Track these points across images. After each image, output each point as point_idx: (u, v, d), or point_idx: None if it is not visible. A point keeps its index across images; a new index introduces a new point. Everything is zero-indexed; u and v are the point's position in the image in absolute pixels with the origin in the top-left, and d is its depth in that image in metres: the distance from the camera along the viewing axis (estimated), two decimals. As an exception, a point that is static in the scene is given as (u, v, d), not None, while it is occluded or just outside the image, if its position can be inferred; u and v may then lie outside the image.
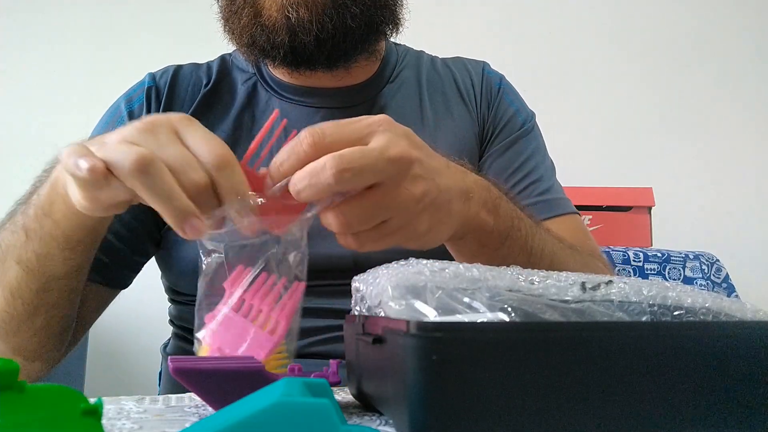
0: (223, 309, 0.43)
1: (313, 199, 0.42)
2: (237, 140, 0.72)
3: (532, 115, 0.82)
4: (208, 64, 0.80)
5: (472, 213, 0.51)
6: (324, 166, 0.40)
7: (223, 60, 0.81)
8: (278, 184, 0.42)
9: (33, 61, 1.84)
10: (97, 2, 1.87)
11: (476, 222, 0.52)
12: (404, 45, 0.85)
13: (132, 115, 0.73)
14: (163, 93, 0.75)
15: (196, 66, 0.79)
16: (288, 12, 0.65)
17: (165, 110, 0.73)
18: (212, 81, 0.77)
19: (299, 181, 0.41)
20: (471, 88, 0.81)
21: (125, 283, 0.73)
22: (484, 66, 0.84)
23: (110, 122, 0.75)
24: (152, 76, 0.77)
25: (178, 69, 0.78)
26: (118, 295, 0.73)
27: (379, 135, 0.43)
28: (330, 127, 0.42)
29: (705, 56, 2.03)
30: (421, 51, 0.87)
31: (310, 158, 0.41)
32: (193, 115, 0.72)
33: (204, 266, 0.45)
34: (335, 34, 0.67)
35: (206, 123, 0.73)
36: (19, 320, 0.58)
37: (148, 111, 0.73)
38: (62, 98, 1.81)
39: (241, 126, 0.73)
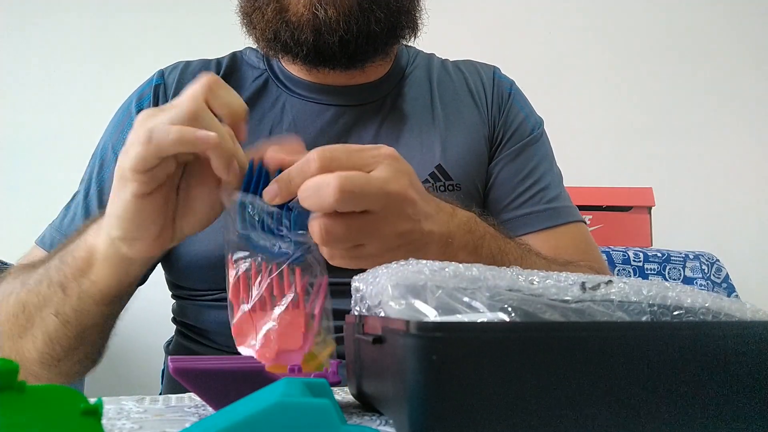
0: (276, 310, 0.47)
1: (315, 210, 0.45)
2: None
3: (541, 122, 0.83)
4: (218, 60, 0.81)
5: (449, 257, 0.53)
6: (329, 183, 0.43)
7: (234, 56, 0.82)
8: None
9: (33, 61, 1.84)
10: (100, 3, 1.87)
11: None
12: (415, 47, 0.86)
13: None
14: (171, 89, 0.76)
15: (206, 62, 0.81)
16: (316, 10, 0.66)
17: None
18: (221, 75, 0.77)
19: (304, 191, 0.44)
20: (482, 90, 0.82)
21: (144, 280, 0.72)
22: (495, 70, 0.86)
23: (122, 122, 0.76)
24: (161, 73, 0.78)
25: (186, 65, 0.79)
26: None
27: (384, 167, 0.46)
28: (339, 152, 0.45)
29: (705, 56, 2.03)
30: (432, 53, 0.88)
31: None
32: None
33: (231, 275, 0.48)
34: (359, 36, 0.68)
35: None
36: (59, 358, 0.62)
37: None
38: (62, 98, 1.81)
39: (248, 120, 0.74)
